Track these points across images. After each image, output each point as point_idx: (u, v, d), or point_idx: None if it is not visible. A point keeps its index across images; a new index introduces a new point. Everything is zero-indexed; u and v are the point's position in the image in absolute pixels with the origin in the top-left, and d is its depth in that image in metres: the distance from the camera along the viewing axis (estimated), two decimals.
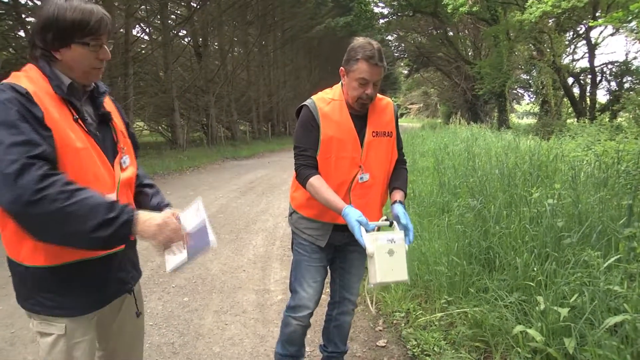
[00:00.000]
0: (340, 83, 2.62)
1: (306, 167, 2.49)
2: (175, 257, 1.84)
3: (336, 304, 2.93)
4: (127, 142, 1.97)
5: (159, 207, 2.08)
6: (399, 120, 2.84)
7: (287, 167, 15.69)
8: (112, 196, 1.73)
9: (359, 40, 2.45)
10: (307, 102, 2.59)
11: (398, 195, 2.56)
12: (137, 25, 22.18)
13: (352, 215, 2.27)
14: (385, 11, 38.98)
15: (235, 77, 27.95)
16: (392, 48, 54.61)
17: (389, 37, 50.21)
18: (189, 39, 25.54)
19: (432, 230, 4.93)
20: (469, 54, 41.68)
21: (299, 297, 2.72)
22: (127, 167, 1.90)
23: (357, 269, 2.84)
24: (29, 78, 1.66)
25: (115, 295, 1.90)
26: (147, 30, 23.86)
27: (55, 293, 1.70)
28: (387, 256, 2.21)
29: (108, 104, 1.94)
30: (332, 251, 2.77)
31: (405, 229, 2.34)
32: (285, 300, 4.46)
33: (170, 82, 20.99)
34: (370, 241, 2.21)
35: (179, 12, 25.31)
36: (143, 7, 21.25)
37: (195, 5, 23.77)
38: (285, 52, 37.15)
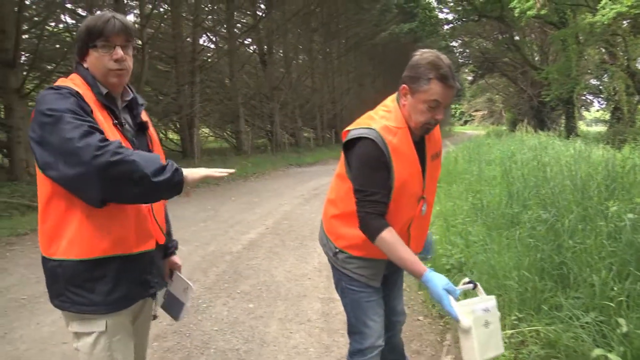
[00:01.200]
0: (395, 100, 2.27)
1: (375, 216, 2.10)
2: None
3: (385, 328, 2.56)
4: (161, 153, 2.03)
5: (167, 250, 2.22)
6: (464, 127, 2.60)
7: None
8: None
9: (426, 55, 2.11)
10: (368, 133, 2.12)
11: None
12: (204, 35, 22.74)
13: (437, 282, 1.96)
14: (450, 17, 38.53)
15: (299, 84, 28.23)
16: (457, 54, 53.82)
17: (454, 43, 49.55)
18: (254, 47, 26.01)
19: (501, 243, 4.79)
20: (536, 59, 40.43)
21: (365, 337, 2.39)
22: None
23: (400, 288, 2.65)
24: (75, 84, 1.78)
25: (141, 296, 1.92)
26: (214, 39, 24.43)
27: (84, 288, 1.74)
28: (484, 329, 1.94)
29: (144, 116, 2.06)
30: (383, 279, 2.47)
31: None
32: None
33: (235, 90, 21.41)
34: (466, 314, 1.91)
35: (244, 20, 25.84)
36: (210, 16, 21.77)
37: (260, 13, 24.20)
38: (349, 59, 37.21)
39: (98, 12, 1.88)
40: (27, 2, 11.79)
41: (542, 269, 3.85)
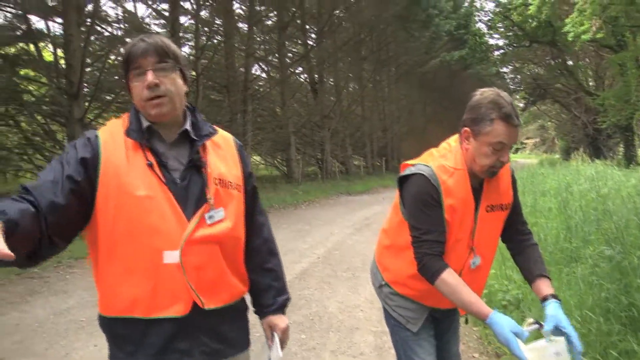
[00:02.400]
0: (454, 143, 2.16)
1: (433, 256, 1.98)
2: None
3: None
4: (229, 194, 1.71)
5: (265, 308, 1.89)
6: (515, 155, 2.41)
7: None
8: (175, 254, 1.53)
9: (487, 93, 2.00)
10: (423, 169, 2.04)
11: (547, 287, 2.02)
12: (256, 64, 23.20)
13: (504, 324, 1.80)
14: (501, 42, 37.99)
15: (350, 112, 28.37)
16: (508, 80, 53.09)
17: (504, 69, 48.91)
18: (305, 75, 26.36)
19: (561, 280, 4.64)
20: (590, 84, 39.39)
21: None
22: (217, 222, 1.63)
23: (455, 331, 2.50)
24: (117, 123, 1.65)
25: None
26: (265, 68, 24.91)
27: (113, 344, 1.64)
28: None
29: (223, 150, 1.77)
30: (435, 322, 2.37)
31: (566, 335, 1.84)
32: None
33: (286, 118, 21.70)
34: (537, 359, 1.79)
35: (295, 50, 26.26)
36: (262, 46, 22.22)
37: (311, 43, 24.55)
38: (399, 87, 37.28)
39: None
40: (92, 38, 12.33)
41: (607, 309, 3.69)
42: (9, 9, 13.70)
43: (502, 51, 39.40)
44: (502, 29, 34.68)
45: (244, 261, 1.82)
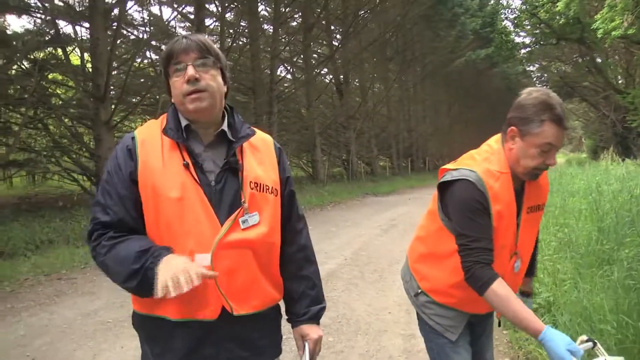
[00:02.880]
0: (499, 142, 2.10)
1: (483, 265, 1.89)
2: None
3: None
4: (265, 199, 1.67)
5: (297, 317, 1.83)
6: None
7: (428, 204, 15.36)
8: (206, 257, 1.51)
9: (537, 94, 1.94)
10: (469, 175, 1.97)
11: (529, 284, 2.24)
12: (281, 65, 23.25)
13: (559, 342, 1.70)
14: (527, 40, 37.49)
15: (375, 113, 28.29)
16: (534, 79, 52.44)
17: (531, 68, 48.34)
18: (331, 76, 26.34)
19: (594, 282, 4.53)
20: (620, 82, 38.59)
21: None
22: (251, 227, 1.60)
23: (489, 337, 2.45)
24: (155, 123, 1.67)
25: None
26: (291, 69, 24.96)
27: (145, 342, 1.67)
28: None
29: (261, 152, 1.74)
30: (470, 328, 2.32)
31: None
32: None
33: (312, 119, 21.70)
34: None
35: (320, 51, 26.24)
36: (287, 48, 22.27)
37: (336, 44, 24.53)
38: (425, 87, 37.10)
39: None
40: (118, 42, 12.51)
41: None
42: (38, 15, 13.98)
43: (528, 49, 38.89)
44: (529, 27, 34.21)
45: (279, 268, 1.78)
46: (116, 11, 13.24)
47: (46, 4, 13.16)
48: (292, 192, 1.84)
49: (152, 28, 16.01)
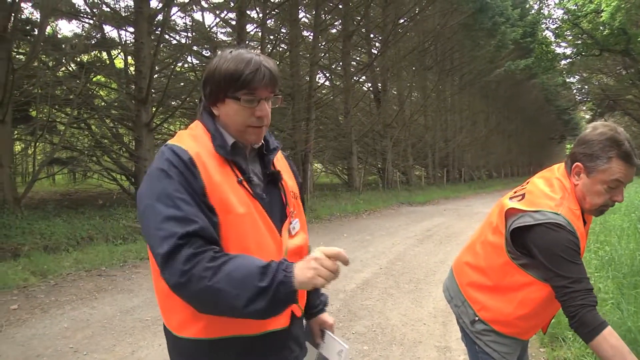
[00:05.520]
0: (565, 176, 2.05)
1: (591, 309, 1.78)
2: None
3: None
4: (298, 205, 1.76)
5: (315, 309, 1.91)
6: None
7: (464, 215, 15.31)
8: None
9: (603, 129, 1.91)
10: (556, 218, 1.90)
11: None
12: (320, 72, 23.33)
13: None
14: (569, 51, 36.84)
15: (412, 122, 28.15)
16: (574, 91, 51.46)
17: (571, 79, 47.44)
18: (369, 84, 26.31)
19: (637, 304, 4.40)
20: None
21: None
22: (297, 233, 1.67)
23: (526, 352, 2.43)
24: (193, 137, 1.56)
25: None
26: (329, 76, 25.02)
27: None
28: None
29: (280, 161, 1.77)
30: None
31: None
32: None
33: (349, 127, 21.70)
34: None
35: (359, 59, 26.26)
36: (326, 55, 22.36)
37: (375, 52, 24.52)
38: (463, 97, 36.76)
39: (240, 52, 1.55)
40: (161, 46, 12.79)
41: None
42: (86, 20, 14.43)
43: (569, 60, 38.24)
44: (570, 37, 33.64)
45: None
46: (160, 17, 13.54)
47: (95, 10, 13.56)
48: (303, 197, 1.90)
49: (194, 33, 16.31)
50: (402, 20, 24.13)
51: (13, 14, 10.20)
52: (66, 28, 61.10)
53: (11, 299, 6.07)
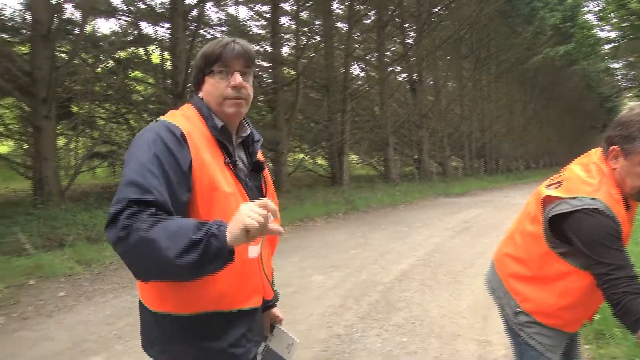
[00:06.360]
0: (602, 160, 2.02)
1: (635, 296, 1.73)
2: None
3: None
4: (274, 197, 1.88)
5: (269, 302, 1.94)
6: None
7: (502, 207, 15.10)
8: (257, 248, 1.66)
9: (638, 109, 1.89)
10: (594, 204, 1.87)
11: None
12: (355, 64, 23.24)
13: None
14: (613, 35, 35.52)
15: (448, 112, 27.84)
16: (619, 77, 49.98)
17: (615, 65, 46.03)
18: (404, 74, 26.10)
19: None
20: None
21: None
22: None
23: (578, 348, 2.38)
24: (186, 117, 1.64)
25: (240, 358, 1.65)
26: (364, 67, 24.90)
27: (183, 343, 1.57)
28: None
29: (260, 155, 1.86)
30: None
31: None
32: (509, 355, 4.20)
33: (385, 118, 21.58)
34: None
35: (394, 49, 26.05)
36: (361, 45, 22.25)
37: (410, 41, 24.29)
38: (499, 86, 36.09)
39: (219, 38, 1.72)
40: (196, 41, 12.96)
41: None
42: (122, 18, 14.72)
43: (613, 45, 36.89)
44: (616, 20, 32.40)
45: None
46: (195, 12, 13.70)
47: (131, 7, 13.81)
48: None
49: (228, 28, 16.43)
50: (436, 9, 23.83)
51: (56, 15, 10.47)
52: (104, 26, 62.25)
53: (59, 286, 6.29)
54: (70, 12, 13.58)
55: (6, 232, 7.93)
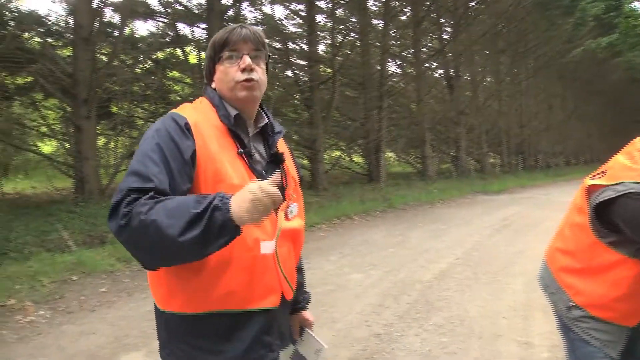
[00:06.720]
0: None
1: None
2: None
3: None
4: (298, 192, 1.77)
5: (298, 304, 1.90)
6: None
7: (541, 204, 14.84)
8: (271, 244, 1.53)
9: None
10: (639, 187, 1.86)
11: None
12: (391, 60, 23.11)
13: None
14: None
15: (486, 107, 27.45)
16: None
17: None
18: (441, 70, 25.83)
19: None
20: None
21: None
22: (294, 217, 1.68)
23: None
24: (195, 108, 1.62)
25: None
26: (400, 64, 24.73)
27: (189, 345, 1.50)
28: None
29: (283, 147, 1.78)
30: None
31: None
32: (552, 358, 4.11)
33: (422, 115, 21.40)
34: None
35: (430, 45, 25.80)
36: (397, 42, 22.10)
37: (446, 37, 24.04)
38: (538, 80, 35.33)
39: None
40: None
41: None
42: (160, 19, 14.97)
43: None
44: None
45: None
46: (231, 12, 13.81)
47: (168, 9, 14.02)
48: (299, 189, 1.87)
49: (264, 26, 16.52)
50: (473, 3, 23.53)
51: (97, 19, 10.72)
52: (142, 28, 63.35)
53: (100, 282, 6.43)
54: (110, 15, 13.91)
55: (50, 230, 8.15)
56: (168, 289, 1.50)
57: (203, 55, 15.01)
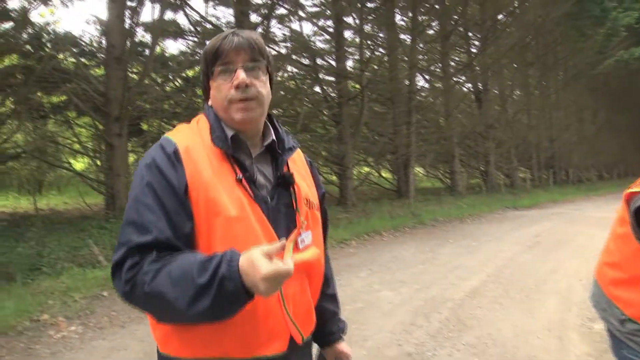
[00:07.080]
0: None
1: None
2: None
3: None
4: (314, 216, 1.54)
5: (332, 336, 1.74)
6: None
7: (574, 219, 14.58)
8: None
9: None
10: None
11: None
12: (419, 75, 23.08)
13: None
14: None
15: (515, 121, 27.16)
16: None
17: None
18: (469, 84, 25.68)
19: None
20: None
21: None
22: (307, 247, 1.46)
23: None
24: (191, 129, 1.45)
25: None
26: (429, 78, 24.67)
27: None
28: None
29: (299, 165, 1.59)
30: None
31: None
32: None
33: (450, 129, 21.28)
34: None
35: (458, 59, 25.71)
36: (425, 57, 22.07)
37: (474, 50, 23.92)
38: (568, 93, 34.80)
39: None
40: None
41: None
42: (190, 38, 15.26)
43: None
44: None
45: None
46: (260, 29, 13.96)
47: (198, 28, 14.26)
48: (325, 211, 1.70)
49: (293, 43, 16.66)
50: (500, 16, 23.38)
51: (129, 39, 10.96)
52: (173, 47, 64.24)
53: None
54: (141, 35, 14.20)
55: (82, 245, 8.28)
56: (164, 333, 1.37)
57: None
